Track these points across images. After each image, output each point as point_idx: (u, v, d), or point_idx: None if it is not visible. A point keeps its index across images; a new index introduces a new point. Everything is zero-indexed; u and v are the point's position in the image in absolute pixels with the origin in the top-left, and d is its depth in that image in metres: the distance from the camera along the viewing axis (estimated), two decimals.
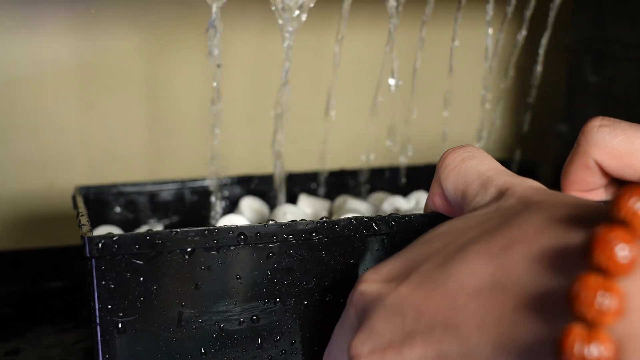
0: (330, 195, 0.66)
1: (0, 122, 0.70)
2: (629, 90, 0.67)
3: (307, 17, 0.53)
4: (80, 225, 0.40)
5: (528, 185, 0.34)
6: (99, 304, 0.38)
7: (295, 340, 0.42)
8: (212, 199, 0.61)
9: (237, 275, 0.40)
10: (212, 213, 0.61)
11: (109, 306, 0.39)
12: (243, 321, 0.41)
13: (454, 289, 0.29)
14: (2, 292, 0.64)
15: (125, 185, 0.60)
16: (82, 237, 0.38)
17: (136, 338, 0.39)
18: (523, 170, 0.72)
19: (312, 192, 0.65)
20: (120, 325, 0.39)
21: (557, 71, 0.80)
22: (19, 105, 0.70)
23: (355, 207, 0.58)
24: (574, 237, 0.27)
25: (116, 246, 0.38)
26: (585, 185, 0.43)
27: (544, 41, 0.65)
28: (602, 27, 0.71)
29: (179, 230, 0.38)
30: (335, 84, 0.60)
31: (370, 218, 0.41)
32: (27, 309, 0.62)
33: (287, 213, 0.57)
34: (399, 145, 0.66)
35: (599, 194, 0.42)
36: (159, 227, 0.60)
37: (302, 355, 0.42)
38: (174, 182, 0.62)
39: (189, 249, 0.39)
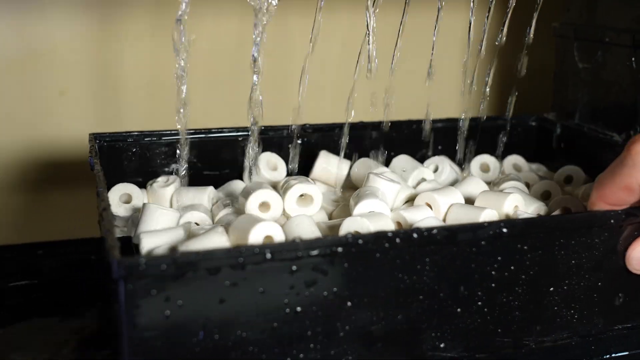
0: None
1: None
2: (619, 76, 0.68)
3: None
4: (107, 249, 0.40)
5: None
6: (126, 322, 0.39)
7: None
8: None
9: (260, 290, 0.41)
10: None
11: (135, 323, 0.39)
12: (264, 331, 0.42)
13: None
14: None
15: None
16: (110, 261, 0.38)
17: (162, 353, 0.40)
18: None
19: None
20: (147, 342, 0.39)
21: (547, 57, 0.81)
22: None
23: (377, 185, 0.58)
24: None
25: (144, 267, 0.38)
26: (620, 203, 0.44)
27: (532, 25, 0.65)
28: (592, 13, 0.72)
29: (204, 251, 0.39)
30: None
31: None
32: None
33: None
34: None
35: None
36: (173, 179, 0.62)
37: None
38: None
39: (214, 267, 0.40)
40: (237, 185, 0.64)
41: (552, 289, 0.49)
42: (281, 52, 0.83)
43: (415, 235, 0.44)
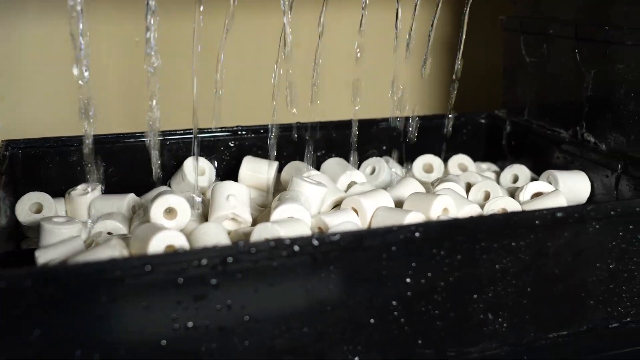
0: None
1: None
2: (564, 70, 0.65)
3: None
4: None
5: None
6: None
7: None
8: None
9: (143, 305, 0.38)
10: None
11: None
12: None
13: None
14: None
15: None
16: None
17: None
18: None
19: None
20: None
21: (496, 52, 0.78)
22: None
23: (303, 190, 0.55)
24: None
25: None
26: None
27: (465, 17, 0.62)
28: (537, 5, 0.69)
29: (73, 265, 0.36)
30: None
31: None
32: None
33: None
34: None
35: None
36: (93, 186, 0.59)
37: None
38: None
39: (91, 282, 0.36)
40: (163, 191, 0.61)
41: (475, 295, 0.46)
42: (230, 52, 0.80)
43: (315, 241, 0.40)
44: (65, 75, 0.58)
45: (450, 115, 0.68)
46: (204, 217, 0.56)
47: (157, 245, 0.44)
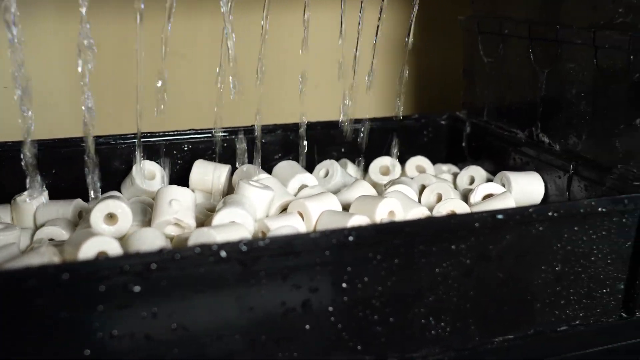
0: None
1: None
2: (519, 70, 0.65)
3: None
4: None
5: None
6: None
7: None
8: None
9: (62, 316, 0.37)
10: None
11: None
12: None
13: None
14: None
15: None
16: None
17: None
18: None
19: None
20: None
21: (456, 53, 0.77)
22: None
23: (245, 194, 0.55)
24: None
25: None
26: None
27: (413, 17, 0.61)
28: (494, 4, 0.69)
29: None
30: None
31: None
32: None
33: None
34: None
35: None
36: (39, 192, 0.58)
37: None
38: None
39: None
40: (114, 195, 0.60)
41: (416, 300, 0.45)
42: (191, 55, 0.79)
43: (244, 247, 0.40)
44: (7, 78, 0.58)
45: (394, 119, 0.67)
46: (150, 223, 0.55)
47: (88, 251, 0.43)
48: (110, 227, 0.50)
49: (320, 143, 0.70)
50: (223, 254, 0.39)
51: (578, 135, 0.58)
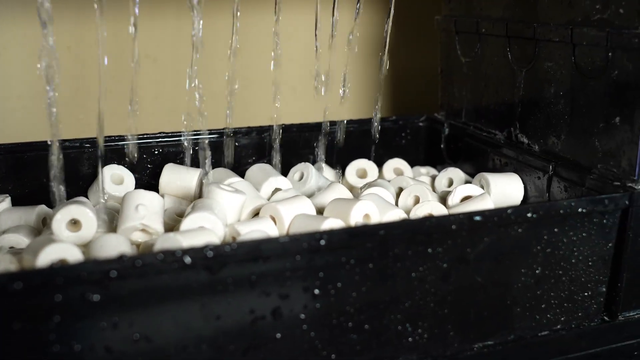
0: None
1: None
2: (497, 70, 0.63)
3: None
4: None
5: None
6: None
7: None
8: None
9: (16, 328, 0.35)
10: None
11: None
12: None
13: None
14: None
15: None
16: None
17: None
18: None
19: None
20: None
21: (432, 53, 0.76)
22: None
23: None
24: None
25: None
26: None
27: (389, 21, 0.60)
28: (470, 3, 0.67)
29: None
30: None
31: None
32: None
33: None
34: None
35: None
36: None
37: None
38: None
39: None
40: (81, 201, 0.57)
41: (391, 306, 0.44)
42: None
43: (210, 252, 0.38)
44: None
45: (375, 122, 0.66)
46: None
47: (46, 259, 0.41)
48: (73, 234, 0.47)
49: (295, 146, 0.68)
50: (187, 260, 0.37)
51: (557, 135, 0.56)
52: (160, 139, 0.63)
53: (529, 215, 0.45)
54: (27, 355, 0.36)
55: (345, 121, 0.65)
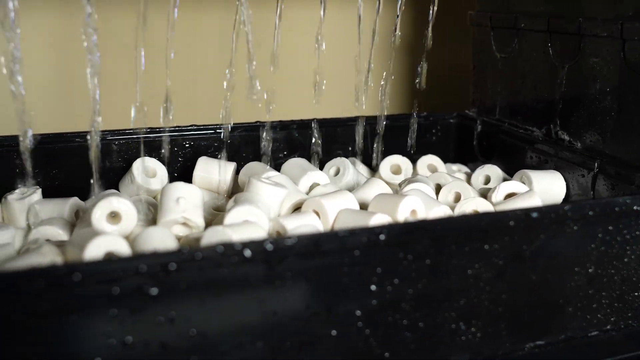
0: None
1: None
2: (536, 65, 0.62)
3: None
4: None
5: None
6: None
7: None
8: None
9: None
10: None
11: None
12: None
13: None
14: None
15: None
16: None
17: None
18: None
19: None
20: None
21: (466, 48, 0.75)
22: None
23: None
24: None
25: None
26: None
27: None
28: None
29: None
30: None
31: None
32: None
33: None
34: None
35: None
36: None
37: None
38: None
39: None
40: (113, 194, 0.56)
41: (446, 303, 0.42)
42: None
43: (270, 246, 0.36)
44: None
45: (414, 116, 0.65)
46: (155, 222, 0.52)
47: (94, 252, 0.40)
48: (114, 227, 0.46)
49: (327, 141, 0.67)
50: (247, 253, 0.36)
51: (602, 132, 0.55)
52: (191, 132, 0.62)
53: (588, 212, 0.43)
54: (81, 347, 0.34)
55: (383, 116, 0.63)
